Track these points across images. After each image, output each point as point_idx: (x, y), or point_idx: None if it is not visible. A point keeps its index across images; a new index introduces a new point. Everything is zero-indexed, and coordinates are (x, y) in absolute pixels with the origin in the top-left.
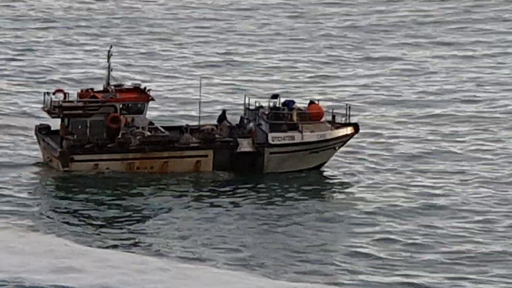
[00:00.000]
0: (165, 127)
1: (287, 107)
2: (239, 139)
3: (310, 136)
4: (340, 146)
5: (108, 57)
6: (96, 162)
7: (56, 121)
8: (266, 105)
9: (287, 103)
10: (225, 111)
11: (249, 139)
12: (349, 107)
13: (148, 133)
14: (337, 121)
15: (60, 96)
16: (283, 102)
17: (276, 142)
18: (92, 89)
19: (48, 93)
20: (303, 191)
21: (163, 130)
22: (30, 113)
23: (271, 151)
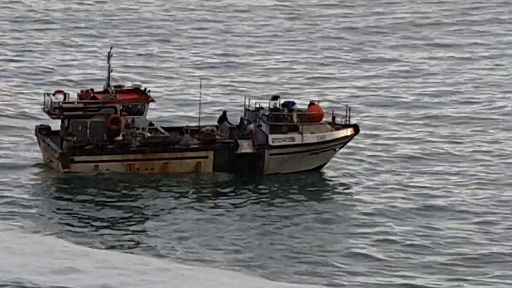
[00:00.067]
0: (165, 128)
1: (287, 108)
2: (239, 140)
3: (310, 138)
4: (340, 148)
5: (108, 58)
6: (96, 163)
7: (56, 122)
8: (266, 106)
9: (286, 104)
10: (225, 112)
11: (249, 140)
12: (349, 108)
13: (149, 134)
14: (337, 122)
15: (60, 97)
16: (283, 103)
17: (276, 144)
18: (92, 89)
19: (48, 94)
20: (303, 192)
21: (163, 131)
22: (30, 114)
23: (271, 153)
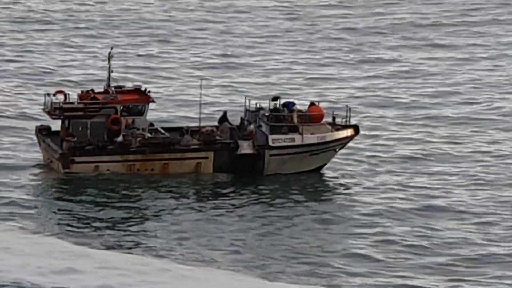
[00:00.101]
0: (165, 128)
1: (287, 108)
2: (239, 141)
3: (311, 138)
4: (340, 148)
5: (109, 58)
6: (96, 164)
7: (56, 122)
8: (266, 106)
9: (287, 104)
10: (226, 113)
11: (249, 141)
12: (349, 108)
13: (149, 134)
14: (337, 122)
15: (61, 98)
16: (283, 104)
17: (276, 144)
18: (92, 90)
19: (48, 95)
20: (303, 193)
21: (163, 131)
22: (30, 114)
23: (271, 153)
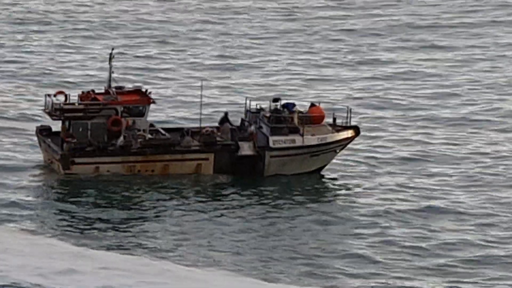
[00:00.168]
0: (165, 129)
1: (287, 109)
2: (240, 142)
3: (311, 140)
4: (341, 149)
5: (110, 59)
6: (97, 165)
7: (56, 122)
8: (266, 106)
9: (287, 105)
10: (227, 114)
11: (250, 142)
12: (350, 110)
13: (149, 135)
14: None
15: (61, 98)
16: (283, 104)
17: (277, 146)
18: (93, 91)
19: (49, 95)
20: (303, 194)
21: (163, 132)
22: (30, 115)
23: (272, 155)
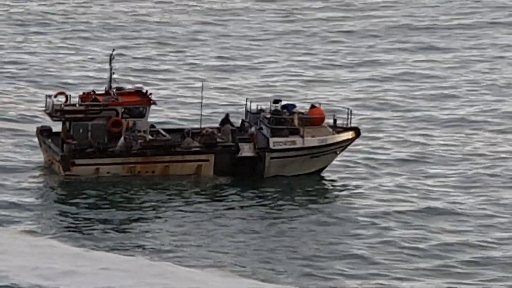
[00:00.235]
0: (166, 130)
1: (287, 110)
2: (240, 144)
3: (311, 141)
4: (341, 151)
5: (110, 60)
6: (97, 166)
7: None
8: (266, 108)
9: (287, 106)
10: (228, 115)
11: (250, 143)
12: (350, 111)
13: (150, 136)
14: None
15: (62, 99)
16: (283, 105)
17: (277, 147)
18: (93, 91)
19: (49, 96)
20: (303, 195)
21: (164, 133)
22: (29, 116)
23: (272, 156)
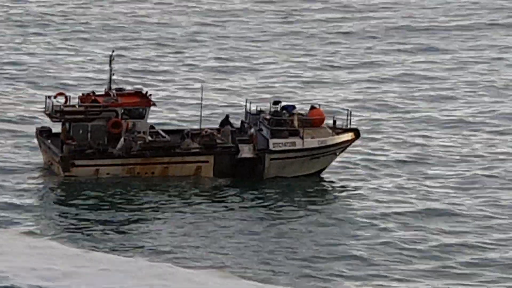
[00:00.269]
0: (166, 131)
1: (286, 111)
2: (240, 145)
3: (311, 142)
4: (341, 152)
5: (110, 61)
6: (97, 167)
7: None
8: (265, 109)
9: (286, 107)
10: (228, 116)
11: (250, 145)
12: (350, 112)
13: (150, 138)
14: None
15: (62, 100)
16: (283, 107)
17: (277, 148)
18: (93, 92)
19: (49, 97)
20: (302, 196)
21: (164, 134)
22: (29, 118)
23: (272, 157)
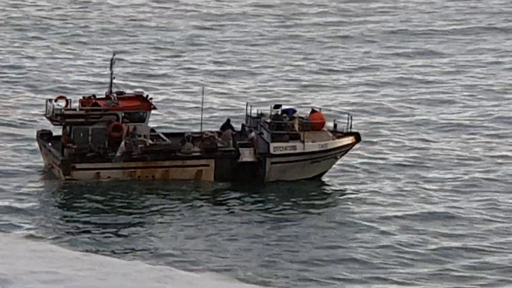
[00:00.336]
0: (166, 134)
1: (287, 114)
2: (240, 149)
3: (312, 146)
4: (342, 155)
5: (111, 65)
6: (97, 171)
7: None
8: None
9: (287, 111)
10: (229, 120)
11: (250, 148)
12: (350, 116)
13: (150, 141)
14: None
15: (62, 103)
16: (283, 110)
17: (277, 152)
18: (94, 96)
19: (50, 100)
20: (303, 200)
21: (164, 137)
22: (29, 121)
23: (273, 161)
